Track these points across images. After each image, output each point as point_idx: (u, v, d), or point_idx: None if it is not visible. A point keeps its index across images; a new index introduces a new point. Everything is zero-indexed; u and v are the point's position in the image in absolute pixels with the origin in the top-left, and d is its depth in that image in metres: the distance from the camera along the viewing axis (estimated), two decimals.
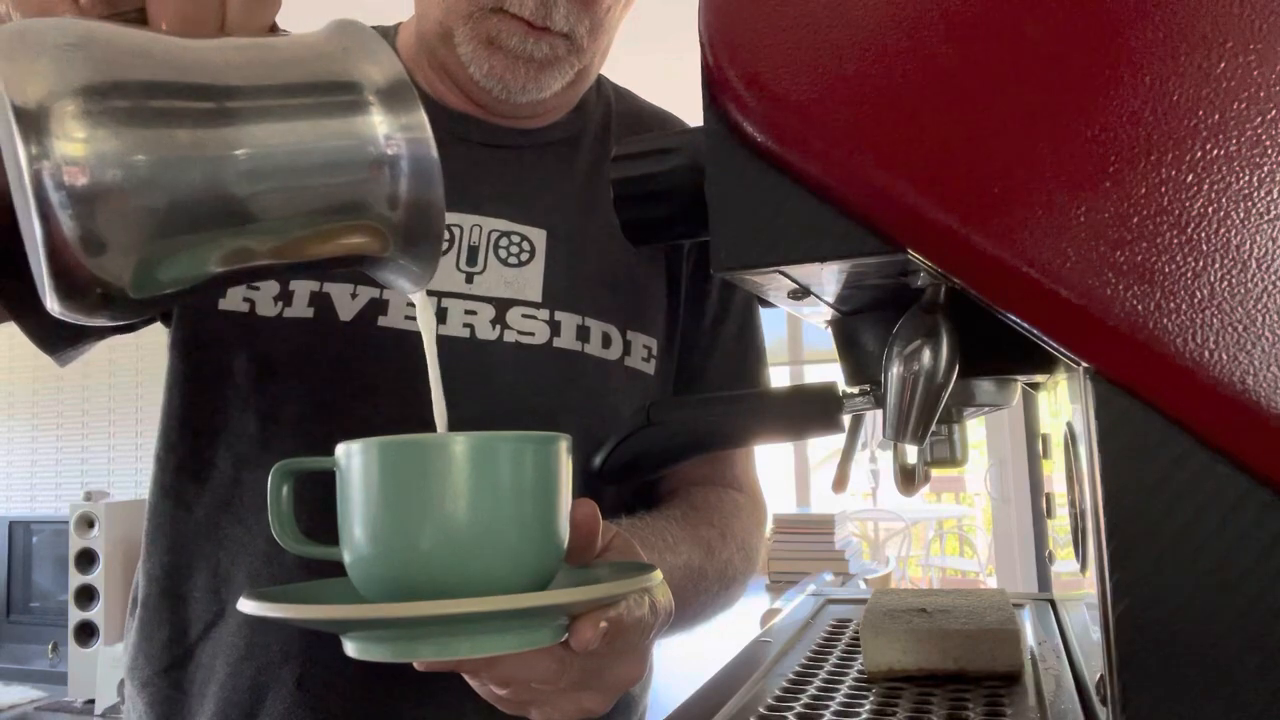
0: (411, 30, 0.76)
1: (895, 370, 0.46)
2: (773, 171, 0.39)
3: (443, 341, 0.66)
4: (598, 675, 0.47)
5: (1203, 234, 0.34)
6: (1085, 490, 0.39)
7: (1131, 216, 0.34)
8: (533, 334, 0.70)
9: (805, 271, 0.42)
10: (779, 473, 4.28)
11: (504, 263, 0.70)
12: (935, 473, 0.60)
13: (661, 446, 0.55)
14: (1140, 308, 0.34)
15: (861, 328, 0.54)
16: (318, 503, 0.45)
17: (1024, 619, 0.73)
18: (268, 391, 0.68)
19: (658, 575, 0.42)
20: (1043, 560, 3.28)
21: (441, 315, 0.68)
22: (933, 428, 0.46)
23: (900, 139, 0.37)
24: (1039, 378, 0.56)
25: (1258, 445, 0.33)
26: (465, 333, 0.68)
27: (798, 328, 3.92)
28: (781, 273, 0.42)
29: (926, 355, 0.45)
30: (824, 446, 4.25)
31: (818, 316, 0.56)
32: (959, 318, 0.45)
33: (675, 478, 0.79)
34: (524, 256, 0.71)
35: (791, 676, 0.61)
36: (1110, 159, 0.34)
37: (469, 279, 0.69)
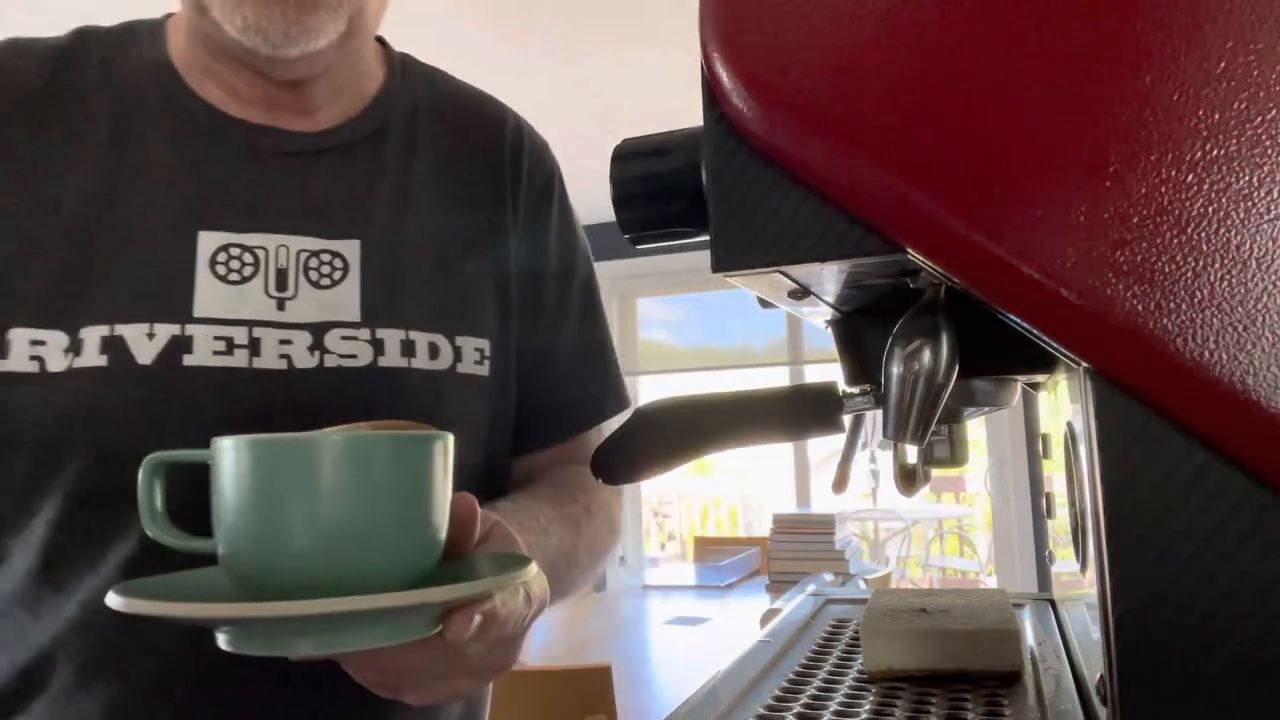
0: (181, 31, 0.69)
1: (895, 370, 0.46)
2: (773, 171, 0.39)
3: (260, 375, 0.62)
4: (473, 661, 0.48)
5: (1203, 234, 0.34)
6: (1085, 490, 0.39)
7: (1131, 216, 0.34)
8: (355, 356, 0.65)
9: (805, 271, 0.42)
10: (779, 473, 4.28)
11: (316, 285, 0.65)
12: (935, 473, 0.60)
13: (657, 447, 0.55)
14: (1140, 308, 0.34)
15: (861, 328, 0.54)
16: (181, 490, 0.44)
17: (1024, 619, 0.73)
18: (62, 456, 0.59)
19: (532, 568, 0.43)
20: (1043, 560, 3.28)
21: (255, 346, 0.62)
22: (933, 428, 0.47)
23: (900, 138, 0.37)
24: (1039, 378, 0.56)
25: (1258, 445, 0.33)
26: (283, 364, 0.63)
27: (798, 328, 3.92)
28: (781, 273, 0.42)
29: (926, 355, 0.45)
30: (824, 446, 4.25)
31: (818, 316, 0.56)
32: (959, 318, 0.45)
33: (535, 458, 0.78)
34: (337, 275, 0.66)
35: (791, 676, 0.61)
36: (1110, 159, 0.34)
37: (280, 305, 0.64)
